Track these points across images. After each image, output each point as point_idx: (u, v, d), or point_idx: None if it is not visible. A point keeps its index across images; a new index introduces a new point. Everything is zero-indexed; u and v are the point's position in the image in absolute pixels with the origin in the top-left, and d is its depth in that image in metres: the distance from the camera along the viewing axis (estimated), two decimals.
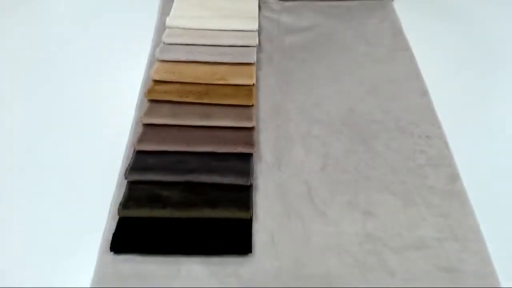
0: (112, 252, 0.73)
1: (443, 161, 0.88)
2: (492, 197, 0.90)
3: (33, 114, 1.04)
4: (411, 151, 0.90)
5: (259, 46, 1.09)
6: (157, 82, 0.96)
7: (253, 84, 0.97)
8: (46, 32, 1.27)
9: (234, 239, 0.74)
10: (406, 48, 1.13)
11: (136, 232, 0.75)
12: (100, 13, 1.32)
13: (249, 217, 0.76)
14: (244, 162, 0.84)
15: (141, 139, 0.86)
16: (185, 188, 0.79)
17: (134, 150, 0.85)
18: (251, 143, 0.86)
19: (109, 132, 0.98)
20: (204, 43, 1.06)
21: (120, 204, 0.77)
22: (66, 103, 1.06)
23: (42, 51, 1.21)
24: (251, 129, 0.89)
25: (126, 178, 0.80)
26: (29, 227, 0.86)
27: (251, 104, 0.93)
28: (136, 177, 0.80)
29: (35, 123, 1.02)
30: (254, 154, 0.85)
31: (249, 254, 0.73)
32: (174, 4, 1.18)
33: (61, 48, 1.21)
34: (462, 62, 1.21)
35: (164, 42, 1.06)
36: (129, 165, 0.82)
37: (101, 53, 1.19)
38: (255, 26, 1.12)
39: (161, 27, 1.15)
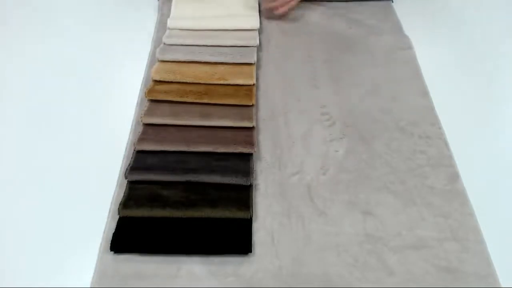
0: (112, 252, 0.73)
1: (443, 161, 0.88)
2: (492, 197, 0.90)
3: (33, 114, 1.04)
4: (411, 151, 0.90)
5: (259, 46, 1.09)
6: (157, 82, 0.96)
7: (253, 84, 0.97)
8: (46, 32, 1.27)
9: (234, 238, 0.74)
10: (407, 48, 1.13)
11: (136, 231, 0.75)
12: (100, 13, 1.32)
13: (249, 217, 0.76)
14: (244, 162, 0.84)
15: (141, 139, 0.86)
16: (185, 188, 0.79)
17: (134, 150, 0.85)
18: (251, 143, 0.86)
19: (109, 132, 0.99)
20: (205, 44, 1.06)
21: (120, 204, 0.77)
22: (66, 103, 1.06)
23: (41, 51, 1.21)
24: (251, 129, 0.89)
25: (126, 178, 0.80)
26: (29, 227, 0.86)
27: (251, 104, 0.93)
28: (137, 176, 0.80)
29: (34, 123, 1.03)
30: (254, 154, 0.86)
31: (249, 254, 0.73)
32: (173, 4, 1.18)
33: (61, 48, 1.22)
34: (462, 62, 1.21)
35: (164, 43, 1.06)
36: (129, 165, 0.82)
37: (101, 53, 1.19)
38: (256, 24, 1.12)
39: (161, 27, 1.15)
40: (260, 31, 1.13)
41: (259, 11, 1.18)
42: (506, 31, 1.32)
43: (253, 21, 1.13)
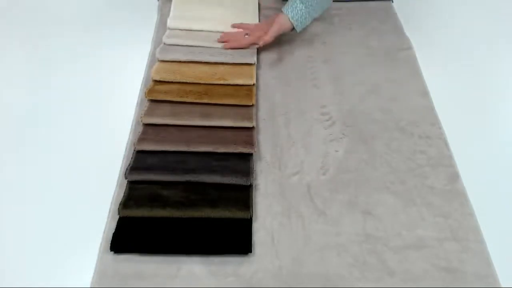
0: (112, 252, 0.73)
1: (443, 161, 0.88)
2: (492, 197, 0.91)
3: (33, 114, 1.05)
4: (412, 151, 0.90)
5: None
6: (157, 82, 0.96)
7: (253, 84, 0.97)
8: (47, 32, 1.27)
9: (234, 238, 0.74)
10: (407, 48, 1.13)
11: (136, 231, 0.74)
12: (101, 13, 1.33)
13: (249, 217, 0.76)
14: (244, 162, 0.84)
15: (141, 139, 0.85)
16: (185, 188, 0.79)
17: (134, 150, 0.85)
18: (251, 143, 0.86)
19: (109, 132, 0.99)
20: (205, 45, 1.06)
21: (120, 204, 0.77)
22: (66, 103, 1.07)
23: (42, 51, 1.21)
24: (251, 129, 0.89)
25: (126, 178, 0.80)
26: (29, 227, 0.86)
27: (251, 104, 0.93)
28: (136, 177, 0.80)
29: (34, 123, 1.03)
30: (254, 154, 0.85)
31: (249, 254, 0.73)
32: (172, 4, 1.18)
33: (61, 48, 1.22)
34: (462, 62, 1.22)
35: (164, 43, 1.06)
36: (129, 165, 0.82)
37: (102, 53, 1.19)
38: None
39: (161, 27, 1.15)
40: None
41: (259, 12, 1.18)
42: (506, 32, 1.32)
43: (253, 22, 1.13)
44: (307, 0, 1.01)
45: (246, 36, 1.03)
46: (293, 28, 1.04)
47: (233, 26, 1.07)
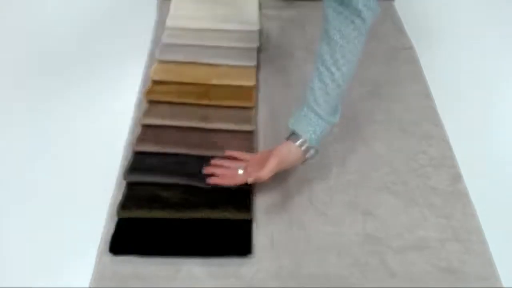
0: (111, 253, 0.72)
1: (445, 162, 0.87)
2: (494, 198, 0.90)
3: (32, 114, 1.04)
4: (413, 152, 0.89)
5: (259, 47, 1.08)
6: (156, 82, 0.96)
7: (254, 85, 0.97)
8: (46, 32, 1.27)
9: (234, 240, 0.73)
10: (408, 48, 1.12)
11: (135, 233, 0.74)
12: (99, 12, 1.32)
13: (249, 218, 0.76)
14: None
15: (140, 139, 0.85)
16: (185, 189, 0.79)
17: (133, 151, 0.84)
18: (251, 146, 0.85)
19: (108, 132, 0.98)
20: (204, 44, 1.05)
21: (119, 205, 0.76)
22: (65, 103, 1.06)
23: (42, 51, 1.21)
24: (251, 132, 0.89)
25: (125, 179, 0.80)
26: (29, 228, 0.85)
27: (252, 105, 0.92)
28: (135, 178, 0.80)
29: (34, 123, 1.02)
30: None
31: (249, 255, 0.73)
32: (172, 4, 1.17)
33: (61, 48, 1.22)
34: (464, 62, 1.21)
35: (163, 43, 1.05)
36: (128, 166, 0.82)
37: (101, 53, 1.19)
38: (256, 27, 1.11)
39: (160, 26, 1.15)
40: (260, 31, 1.12)
41: (259, 12, 1.17)
42: (507, 31, 1.32)
43: (253, 22, 1.12)
44: (314, 104, 0.78)
45: (240, 172, 0.80)
46: (307, 159, 0.78)
47: (226, 155, 0.83)
